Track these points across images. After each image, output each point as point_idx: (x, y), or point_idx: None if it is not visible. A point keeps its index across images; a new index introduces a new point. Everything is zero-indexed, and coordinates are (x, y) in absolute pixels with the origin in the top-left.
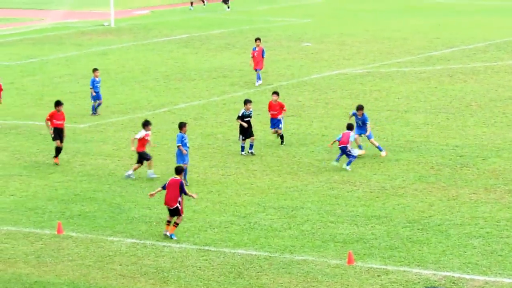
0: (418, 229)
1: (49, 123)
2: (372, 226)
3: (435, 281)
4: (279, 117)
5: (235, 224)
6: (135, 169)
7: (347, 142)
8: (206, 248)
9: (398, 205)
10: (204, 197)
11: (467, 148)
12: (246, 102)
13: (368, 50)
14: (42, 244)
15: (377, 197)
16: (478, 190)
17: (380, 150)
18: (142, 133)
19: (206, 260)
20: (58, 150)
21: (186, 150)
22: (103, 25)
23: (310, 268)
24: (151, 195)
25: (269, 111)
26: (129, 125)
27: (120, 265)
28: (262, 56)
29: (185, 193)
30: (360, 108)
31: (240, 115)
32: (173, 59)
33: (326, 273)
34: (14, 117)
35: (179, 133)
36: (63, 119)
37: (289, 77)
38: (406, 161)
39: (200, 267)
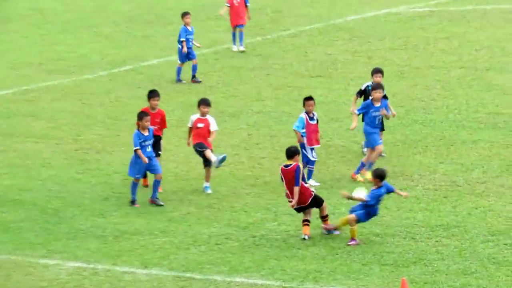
0: (505, 244)
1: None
2: (437, 241)
3: None
4: None
5: (232, 238)
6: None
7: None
8: (188, 274)
9: (476, 208)
10: (187, 199)
11: None
12: (375, 71)
13: None
14: None
15: (444, 197)
16: None
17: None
18: (193, 117)
19: None
20: None
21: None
22: None
23: None
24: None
25: None
26: (74, 91)
27: None
28: (246, 4)
29: (297, 184)
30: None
31: (362, 89)
32: None
33: None
34: None
35: (136, 131)
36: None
37: (313, 18)
38: (488, 143)
39: None
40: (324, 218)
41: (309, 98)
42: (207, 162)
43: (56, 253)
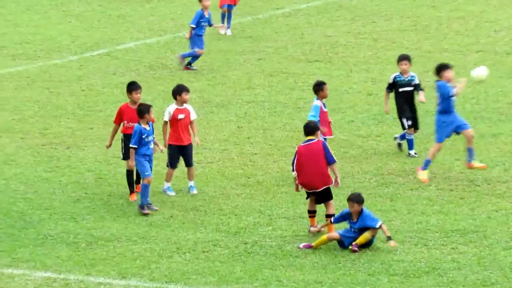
0: None
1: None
2: (452, 248)
3: None
4: None
5: (220, 245)
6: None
7: None
8: (171, 285)
9: (496, 211)
10: (169, 201)
11: None
12: (400, 59)
13: None
14: None
15: (461, 198)
16: None
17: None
18: (170, 108)
19: None
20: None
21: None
22: None
23: None
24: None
25: None
26: (40, 78)
27: None
28: None
29: (332, 161)
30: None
31: (391, 82)
32: None
33: None
34: None
35: (137, 125)
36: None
37: None
38: (509, 137)
39: None
40: (330, 217)
41: (324, 82)
42: (188, 162)
43: (22, 262)
